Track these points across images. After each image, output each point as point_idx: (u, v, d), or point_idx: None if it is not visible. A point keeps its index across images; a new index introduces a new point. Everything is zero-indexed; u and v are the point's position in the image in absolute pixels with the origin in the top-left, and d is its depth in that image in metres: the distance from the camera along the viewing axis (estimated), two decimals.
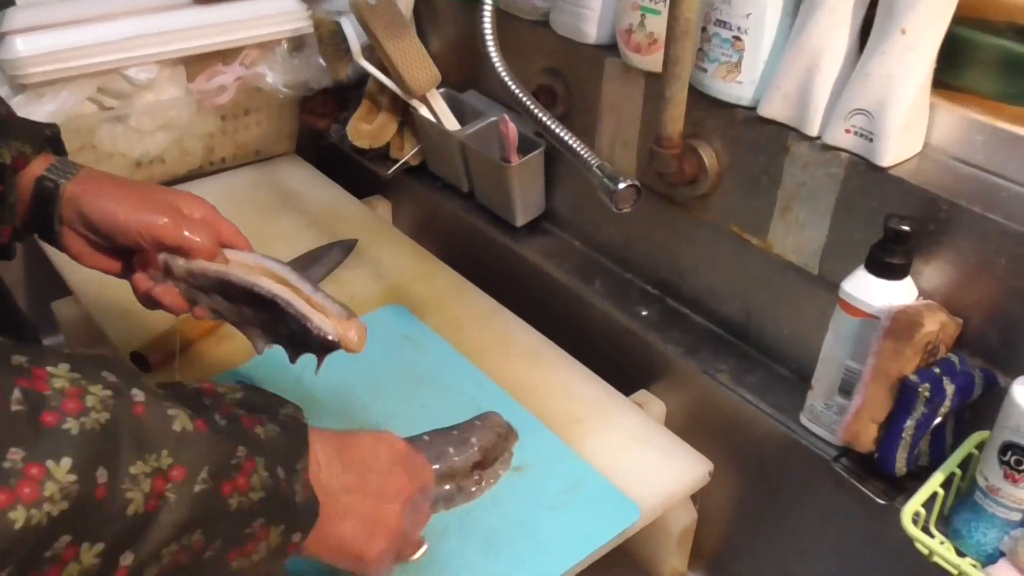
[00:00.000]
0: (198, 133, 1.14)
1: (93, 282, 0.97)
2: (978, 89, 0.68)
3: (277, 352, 0.68)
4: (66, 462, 0.39)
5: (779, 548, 0.83)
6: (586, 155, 0.63)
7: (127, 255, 0.68)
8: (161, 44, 1.01)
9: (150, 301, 0.68)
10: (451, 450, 0.75)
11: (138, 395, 0.44)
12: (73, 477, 0.39)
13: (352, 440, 0.58)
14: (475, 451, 0.76)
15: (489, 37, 0.63)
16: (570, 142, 0.63)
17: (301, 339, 0.65)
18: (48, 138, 0.68)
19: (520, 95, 0.63)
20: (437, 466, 0.74)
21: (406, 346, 0.91)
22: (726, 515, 0.87)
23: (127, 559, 0.42)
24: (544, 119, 0.63)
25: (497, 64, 0.63)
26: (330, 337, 0.64)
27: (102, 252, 0.68)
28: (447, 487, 0.75)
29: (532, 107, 0.63)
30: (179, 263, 0.66)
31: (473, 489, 0.75)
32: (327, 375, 0.85)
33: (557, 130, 0.63)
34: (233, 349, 0.89)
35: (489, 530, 0.71)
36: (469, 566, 0.68)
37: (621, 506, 0.74)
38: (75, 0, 1.01)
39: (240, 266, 0.67)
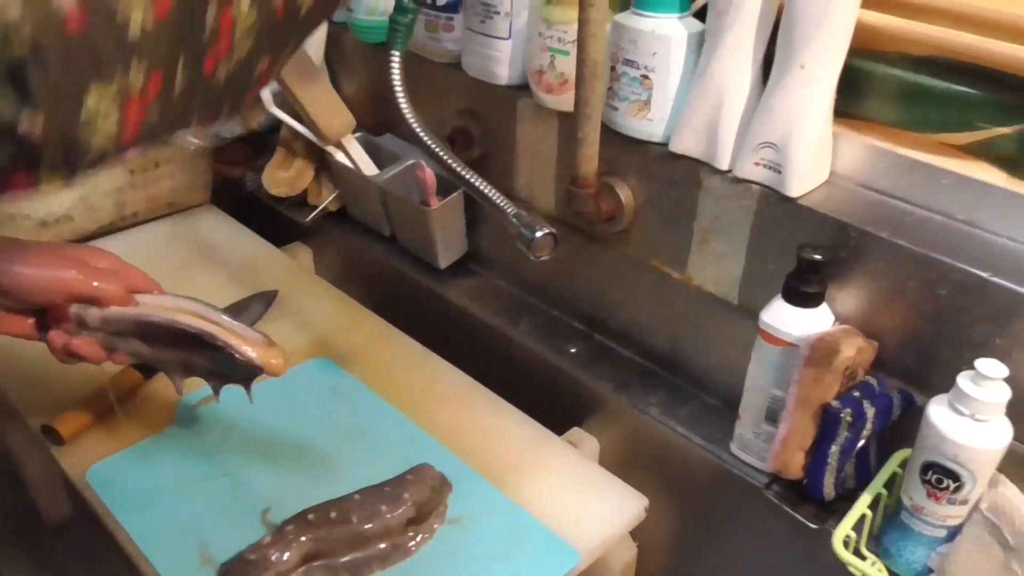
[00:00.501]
0: (105, 189, 1.10)
1: (2, 350, 0.93)
2: (878, 117, 0.70)
3: (202, 413, 0.67)
4: None
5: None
6: (502, 203, 0.63)
7: (39, 314, 0.69)
8: None
9: (69, 355, 0.68)
10: (383, 507, 0.74)
11: None
12: None
13: None
14: (409, 506, 0.74)
15: (399, 88, 0.63)
16: (485, 191, 0.63)
17: (225, 370, 0.68)
18: None
19: (432, 145, 0.62)
20: (369, 526, 0.72)
21: (333, 400, 0.89)
22: (665, 547, 0.87)
23: None
24: (458, 169, 0.63)
25: (408, 116, 0.63)
26: (256, 362, 0.67)
27: (13, 314, 0.68)
28: (382, 546, 0.73)
29: (445, 157, 0.63)
30: (93, 313, 0.67)
31: (410, 546, 0.74)
32: (252, 433, 0.83)
33: (471, 179, 0.63)
34: (151, 413, 0.85)
35: None
36: None
37: (560, 552, 0.73)
38: None
39: (156, 308, 0.68)
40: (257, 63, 0.45)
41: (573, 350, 0.92)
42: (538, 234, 0.63)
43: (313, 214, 1.11)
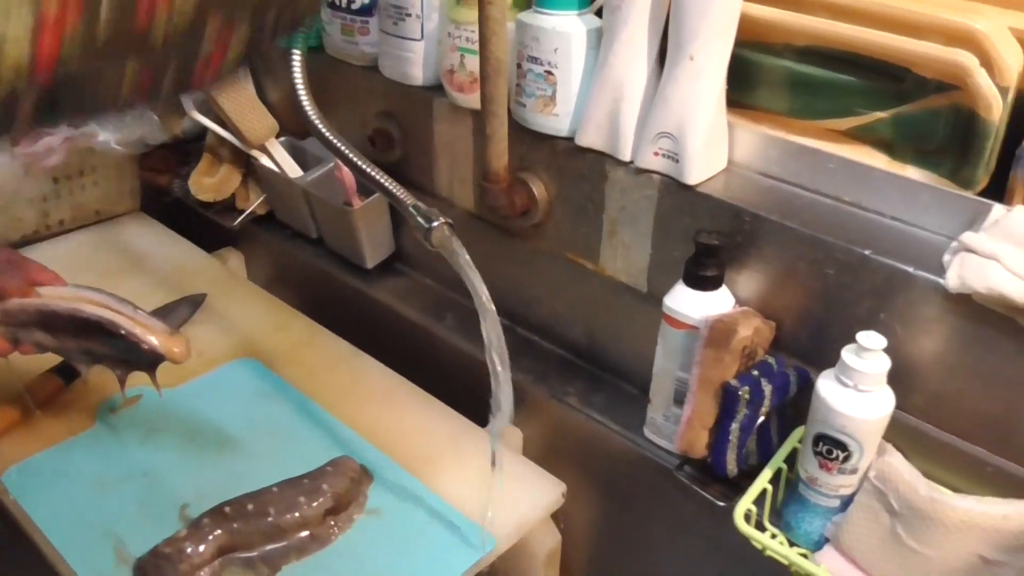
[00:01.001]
0: (29, 197, 1.09)
1: None
2: (768, 107, 0.73)
3: (123, 415, 0.74)
4: None
5: (640, 560, 0.85)
6: (400, 194, 0.65)
7: None
8: None
9: None
10: (302, 499, 0.74)
11: None
12: None
13: None
14: (328, 497, 0.75)
15: (300, 86, 0.64)
16: (382, 181, 0.64)
17: (129, 357, 0.69)
18: None
19: (331, 138, 0.64)
20: (287, 516, 0.73)
21: (258, 400, 0.89)
22: (589, 534, 0.88)
23: None
24: (356, 161, 0.64)
25: (310, 112, 0.64)
26: (158, 350, 0.68)
27: None
28: (300, 536, 0.74)
29: (346, 152, 0.64)
30: None
31: (328, 536, 0.74)
32: (174, 433, 0.83)
33: (369, 170, 0.64)
34: (71, 417, 0.85)
35: None
36: None
37: (476, 538, 0.74)
38: None
39: (58, 298, 0.70)
40: (205, 26, 0.41)
41: None
42: (435, 224, 0.64)
43: (240, 218, 1.11)
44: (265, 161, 1.05)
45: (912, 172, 0.68)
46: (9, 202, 1.08)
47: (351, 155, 0.64)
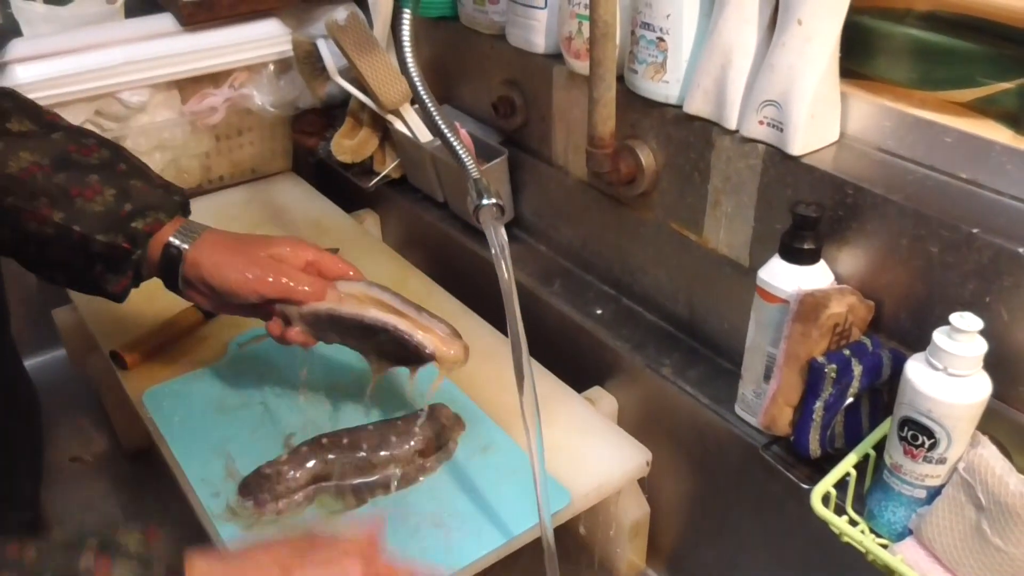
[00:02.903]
0: (194, 152, 1.20)
1: None
2: (886, 76, 0.70)
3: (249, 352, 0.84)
4: None
5: (725, 537, 0.84)
6: (469, 165, 0.67)
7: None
8: (151, 69, 1.08)
9: (285, 342, 0.76)
10: (394, 438, 0.79)
11: None
12: None
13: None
14: (419, 440, 0.79)
15: (407, 45, 0.67)
16: (458, 150, 0.67)
17: (414, 357, 0.74)
18: (179, 204, 0.77)
19: (428, 102, 0.66)
20: (378, 454, 0.77)
21: None
22: (678, 509, 0.88)
23: None
24: (440, 124, 0.66)
25: (412, 70, 0.67)
26: (428, 351, 0.73)
27: (228, 306, 0.76)
28: (389, 472, 0.78)
29: (434, 114, 0.67)
30: (292, 310, 0.74)
31: (415, 476, 0.78)
32: (293, 372, 0.88)
33: (448, 134, 0.67)
34: (205, 349, 0.94)
35: (421, 515, 0.74)
36: (395, 548, 0.71)
37: (556, 493, 0.76)
38: (74, 31, 1.09)
39: (350, 298, 0.75)
40: None
41: (599, 312, 0.94)
42: (485, 202, 0.66)
43: (375, 180, 1.18)
44: (399, 125, 1.10)
45: None
46: (179, 155, 1.19)
47: (437, 117, 0.67)
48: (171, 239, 0.74)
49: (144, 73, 1.09)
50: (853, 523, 0.65)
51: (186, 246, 0.74)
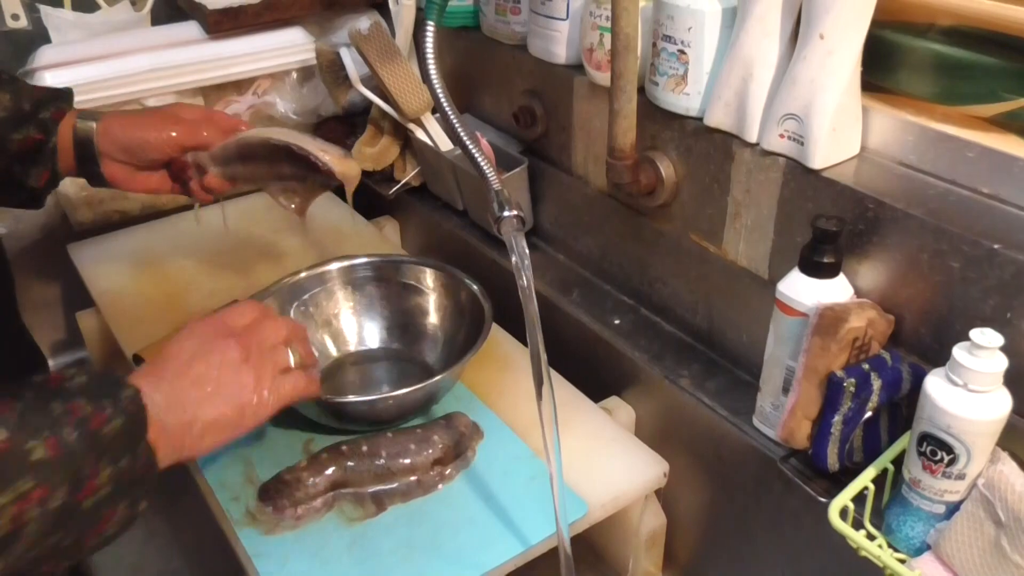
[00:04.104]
0: None
1: (111, 294, 1.05)
2: (908, 90, 0.70)
3: None
4: None
5: (742, 551, 0.84)
6: (491, 177, 0.67)
7: (159, 169, 0.85)
8: (176, 76, 1.10)
9: (207, 192, 0.86)
10: (412, 446, 0.79)
11: (2, 434, 0.49)
12: None
13: (177, 366, 0.63)
14: (437, 448, 0.80)
15: (430, 56, 0.68)
16: (480, 160, 0.67)
17: (308, 175, 0.83)
18: (69, 93, 0.86)
19: (449, 112, 0.67)
20: (396, 461, 0.78)
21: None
22: (694, 520, 0.88)
23: None
24: (461, 134, 0.67)
25: (435, 80, 0.68)
26: (332, 167, 0.80)
27: (145, 173, 0.85)
28: (408, 479, 0.78)
29: (455, 123, 0.67)
30: (203, 156, 0.84)
31: (433, 484, 0.79)
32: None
33: (469, 144, 0.67)
34: None
35: (439, 523, 0.75)
36: (413, 555, 0.72)
37: (572, 503, 0.76)
38: (102, 38, 1.11)
39: (250, 134, 0.84)
40: None
41: (617, 322, 0.94)
42: (506, 214, 0.67)
43: (396, 188, 1.18)
44: (420, 134, 1.11)
45: None
46: None
47: (458, 127, 0.68)
48: (77, 121, 0.82)
49: (169, 80, 1.10)
50: (871, 537, 0.65)
51: (93, 123, 0.82)
